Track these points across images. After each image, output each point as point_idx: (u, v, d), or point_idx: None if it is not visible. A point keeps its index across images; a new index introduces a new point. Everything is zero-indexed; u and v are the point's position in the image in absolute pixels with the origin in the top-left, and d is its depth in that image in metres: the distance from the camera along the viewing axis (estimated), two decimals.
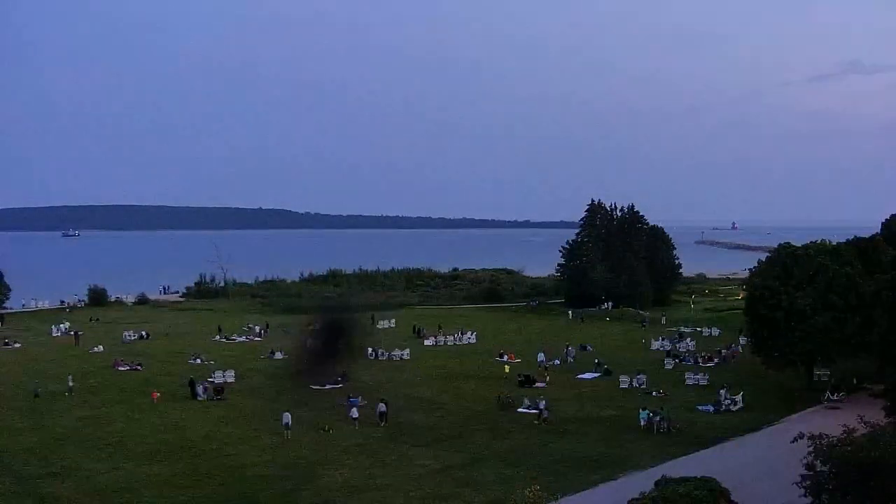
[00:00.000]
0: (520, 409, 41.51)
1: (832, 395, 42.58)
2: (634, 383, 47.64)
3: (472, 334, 67.84)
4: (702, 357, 56.54)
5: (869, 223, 78.95)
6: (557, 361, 55.51)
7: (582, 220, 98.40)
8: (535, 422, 38.63)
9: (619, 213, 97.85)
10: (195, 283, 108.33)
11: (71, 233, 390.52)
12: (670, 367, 53.80)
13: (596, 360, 54.59)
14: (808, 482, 22.25)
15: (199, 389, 44.77)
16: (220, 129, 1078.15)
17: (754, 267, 51.67)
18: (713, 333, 69.26)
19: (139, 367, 53.37)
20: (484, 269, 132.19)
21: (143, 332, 68.86)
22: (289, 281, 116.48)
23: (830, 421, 28.73)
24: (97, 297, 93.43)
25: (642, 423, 37.84)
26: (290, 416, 36.46)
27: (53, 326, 72.15)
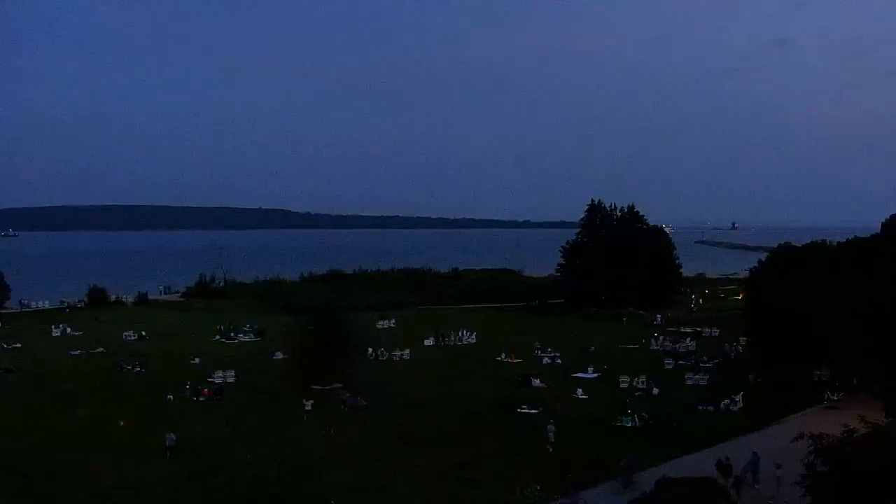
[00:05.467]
0: (520, 409, 41.52)
1: (832, 395, 42.56)
2: (635, 383, 47.63)
3: (472, 334, 67.78)
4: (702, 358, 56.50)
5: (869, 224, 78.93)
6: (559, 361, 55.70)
7: (582, 220, 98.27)
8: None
9: (618, 213, 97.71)
10: (195, 283, 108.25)
11: (10, 233, 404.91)
12: (670, 366, 53.77)
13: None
14: (808, 482, 22.23)
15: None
16: (220, 130, 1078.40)
17: (754, 267, 51.77)
18: (713, 333, 69.21)
19: (139, 368, 53.33)
20: (484, 269, 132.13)
21: (143, 333, 68.81)
22: (289, 281, 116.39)
23: (830, 421, 28.71)
24: (97, 297, 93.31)
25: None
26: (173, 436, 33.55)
27: (53, 326, 72.05)
